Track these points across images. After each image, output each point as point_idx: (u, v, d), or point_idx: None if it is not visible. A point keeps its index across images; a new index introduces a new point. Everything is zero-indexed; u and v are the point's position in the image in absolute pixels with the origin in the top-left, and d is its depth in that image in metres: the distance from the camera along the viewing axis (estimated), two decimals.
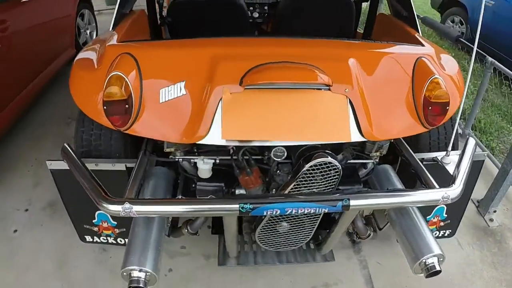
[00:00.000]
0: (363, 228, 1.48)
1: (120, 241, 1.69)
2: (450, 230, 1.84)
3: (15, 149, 2.59)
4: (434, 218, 1.74)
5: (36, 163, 2.47)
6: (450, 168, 1.46)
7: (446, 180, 1.31)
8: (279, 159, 1.24)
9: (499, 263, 2.01)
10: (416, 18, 1.73)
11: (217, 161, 1.35)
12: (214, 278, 1.75)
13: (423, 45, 1.50)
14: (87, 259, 1.83)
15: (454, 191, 1.22)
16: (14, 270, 1.77)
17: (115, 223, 1.59)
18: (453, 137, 1.38)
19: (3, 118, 2.36)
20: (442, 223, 1.78)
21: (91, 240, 1.69)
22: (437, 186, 1.29)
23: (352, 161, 1.42)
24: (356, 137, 1.19)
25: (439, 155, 1.48)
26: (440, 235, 1.84)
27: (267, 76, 1.17)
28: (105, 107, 1.21)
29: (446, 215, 1.74)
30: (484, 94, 3.58)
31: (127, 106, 1.21)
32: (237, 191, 1.41)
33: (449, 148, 1.40)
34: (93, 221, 1.58)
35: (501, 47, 4.02)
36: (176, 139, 1.22)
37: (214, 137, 1.17)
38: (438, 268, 1.24)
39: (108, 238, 1.67)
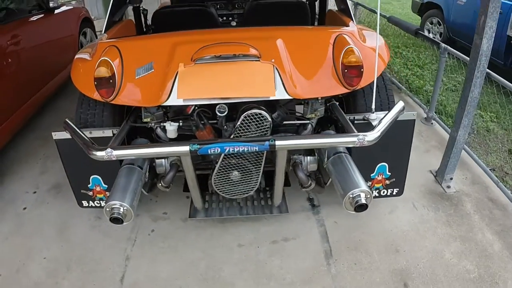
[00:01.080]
0: (305, 178, 1.85)
1: None
2: (398, 189, 2.13)
3: (26, 147, 3.09)
4: (378, 176, 2.07)
5: (44, 157, 2.96)
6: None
7: None
8: (222, 114, 1.66)
9: (454, 222, 2.25)
10: (350, 10, 2.21)
11: (181, 123, 1.80)
12: (188, 236, 2.13)
13: (348, 26, 1.96)
14: (84, 225, 2.25)
15: (370, 135, 1.54)
16: (21, 237, 2.19)
17: (106, 186, 2.01)
18: (374, 97, 1.71)
19: (15, 120, 2.89)
20: (387, 181, 2.09)
21: (87, 205, 2.11)
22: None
23: (292, 122, 1.85)
24: (281, 95, 1.60)
25: (367, 114, 1.87)
26: (388, 193, 2.13)
27: (210, 51, 1.63)
28: (95, 83, 1.70)
29: (389, 173, 2.06)
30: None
31: (111, 81, 1.70)
32: None
33: (373, 106, 1.74)
34: (88, 185, 2.02)
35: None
36: (146, 103, 1.68)
37: (173, 99, 1.61)
38: (364, 202, 1.52)
39: (101, 201, 2.09)
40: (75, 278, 1.93)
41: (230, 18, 3.29)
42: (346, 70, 1.69)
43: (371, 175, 2.05)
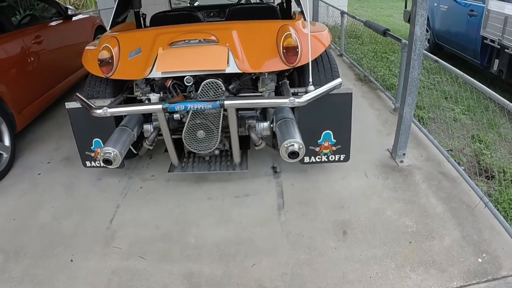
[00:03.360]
0: (256, 138, 2.44)
1: None
2: (344, 155, 2.65)
3: (44, 130, 3.85)
4: (325, 143, 2.63)
5: (58, 137, 3.70)
6: None
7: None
8: (189, 84, 2.31)
9: (401, 188, 2.68)
10: (304, 11, 2.91)
11: (161, 94, 2.50)
12: (168, 191, 2.75)
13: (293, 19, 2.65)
14: (86, 185, 2.93)
15: (300, 99, 2.12)
16: (35, 194, 2.86)
17: None
18: (310, 73, 2.25)
19: (35, 106, 3.66)
20: (334, 148, 2.62)
21: (90, 165, 2.79)
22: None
23: (247, 94, 2.52)
24: (233, 69, 2.26)
25: (308, 87, 2.44)
26: (336, 159, 2.64)
27: (182, 38, 2.32)
28: (99, 63, 2.42)
29: (335, 140, 2.58)
30: (436, 85, 4.53)
31: (110, 61, 2.42)
32: None
33: (310, 80, 2.26)
34: (91, 147, 2.72)
35: (460, 46, 4.90)
36: (135, 77, 2.38)
37: (153, 73, 2.31)
38: (296, 150, 2.06)
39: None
40: (75, 220, 2.56)
41: None
42: (284, 51, 2.35)
43: (318, 141, 2.61)
